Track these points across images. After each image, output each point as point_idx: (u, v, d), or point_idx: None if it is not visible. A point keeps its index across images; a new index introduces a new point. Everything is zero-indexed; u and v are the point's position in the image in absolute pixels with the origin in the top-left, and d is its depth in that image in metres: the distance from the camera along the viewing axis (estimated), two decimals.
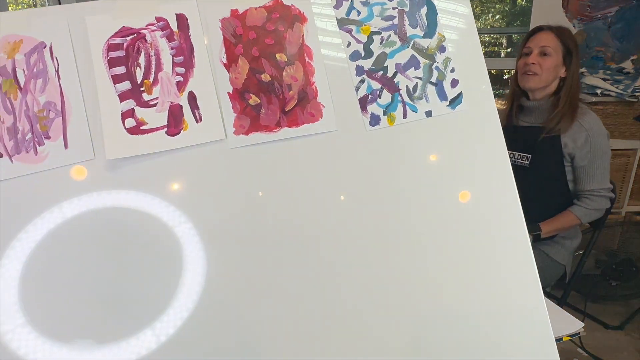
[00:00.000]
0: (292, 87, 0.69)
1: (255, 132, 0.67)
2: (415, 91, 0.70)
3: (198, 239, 0.63)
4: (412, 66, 0.70)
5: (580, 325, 0.77)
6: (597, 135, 1.40)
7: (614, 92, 2.13)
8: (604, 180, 1.42)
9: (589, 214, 1.42)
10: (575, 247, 1.56)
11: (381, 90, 0.70)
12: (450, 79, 0.71)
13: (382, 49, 0.70)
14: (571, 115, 1.42)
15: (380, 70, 0.70)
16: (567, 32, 1.46)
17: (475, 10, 5.86)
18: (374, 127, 0.69)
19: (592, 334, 2.00)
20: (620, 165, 2.21)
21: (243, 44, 0.68)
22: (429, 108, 0.70)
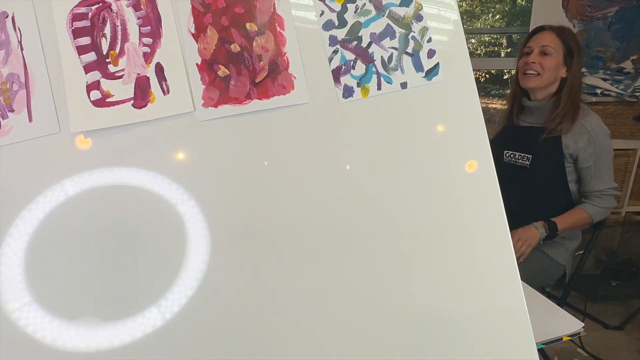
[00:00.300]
0: (262, 57, 0.66)
1: (224, 104, 0.65)
2: (390, 62, 0.67)
3: (181, 214, 0.62)
4: (388, 36, 0.67)
5: (580, 325, 0.77)
6: (599, 136, 1.40)
7: (614, 92, 2.13)
8: (610, 179, 1.43)
9: (600, 213, 1.43)
10: (575, 248, 1.55)
11: (355, 61, 0.67)
12: (427, 49, 0.68)
13: (356, 17, 0.67)
14: (572, 116, 1.41)
15: (354, 40, 0.67)
16: (569, 32, 1.45)
17: (475, 10, 5.86)
18: (347, 99, 0.67)
19: (592, 334, 2.00)
20: (620, 165, 2.21)
21: (212, 13, 0.65)
22: (404, 79, 0.67)
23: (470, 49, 6.14)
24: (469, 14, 5.85)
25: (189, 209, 0.61)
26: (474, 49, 6.16)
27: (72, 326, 0.56)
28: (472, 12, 5.71)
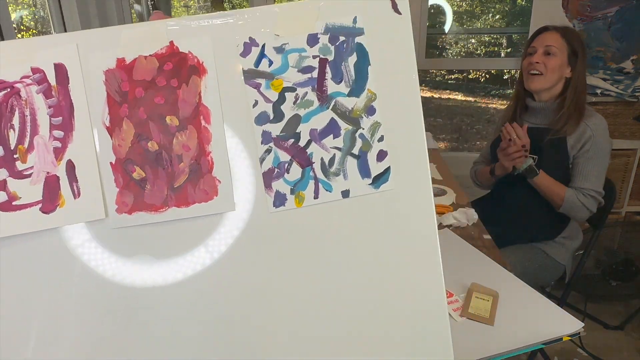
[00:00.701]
0: (182, 158, 0.57)
1: (139, 211, 0.57)
2: (331, 165, 0.57)
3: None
4: (331, 133, 0.57)
5: (580, 325, 0.77)
6: (600, 137, 1.39)
7: (614, 92, 2.13)
8: (598, 183, 1.40)
9: (574, 206, 1.39)
10: (575, 248, 1.55)
11: (290, 163, 0.57)
12: (377, 150, 0.57)
13: (295, 110, 0.56)
14: (577, 117, 1.41)
15: (290, 138, 0.56)
16: (574, 32, 1.45)
17: (475, 11, 5.86)
18: (279, 208, 0.57)
19: (592, 334, 2.00)
20: (620, 165, 2.21)
21: (129, 103, 0.56)
22: (346, 187, 0.57)
23: (470, 49, 6.14)
24: (469, 14, 5.85)
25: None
26: (474, 49, 6.16)
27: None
28: (472, 12, 5.71)
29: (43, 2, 2.44)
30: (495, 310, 0.80)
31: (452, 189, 1.36)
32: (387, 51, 0.56)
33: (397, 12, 0.56)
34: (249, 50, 0.56)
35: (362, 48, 0.56)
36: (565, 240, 1.51)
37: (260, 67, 0.56)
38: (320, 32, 0.56)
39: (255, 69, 0.56)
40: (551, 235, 1.50)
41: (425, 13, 2.63)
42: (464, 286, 0.87)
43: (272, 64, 0.56)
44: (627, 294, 2.23)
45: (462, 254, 1.01)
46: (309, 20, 0.56)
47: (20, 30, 2.47)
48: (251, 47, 0.56)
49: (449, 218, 1.18)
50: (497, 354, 0.71)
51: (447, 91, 7.56)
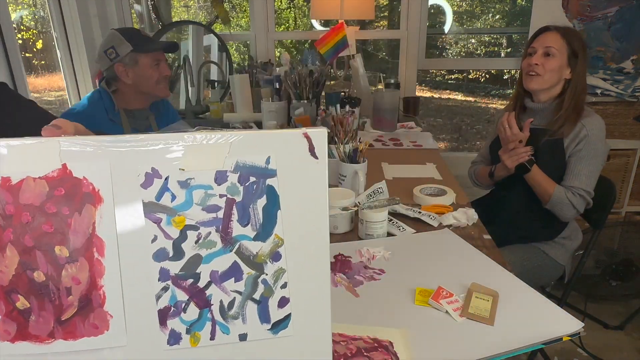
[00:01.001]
0: (72, 291, 0.53)
1: (22, 340, 0.53)
2: (230, 308, 0.55)
3: None
4: (233, 277, 0.54)
5: (580, 325, 0.77)
6: (594, 138, 1.39)
7: (613, 92, 2.13)
8: (588, 183, 1.39)
9: (561, 202, 1.39)
10: (575, 248, 1.55)
11: (188, 302, 0.54)
12: (279, 297, 0.55)
13: (196, 250, 0.53)
14: (575, 119, 1.40)
15: (190, 278, 0.54)
16: (574, 33, 1.44)
17: (475, 11, 5.86)
18: (173, 346, 0.54)
19: (592, 334, 2.00)
20: (620, 165, 2.21)
21: (13, 228, 0.51)
22: (244, 330, 0.55)
23: (470, 49, 6.14)
24: (469, 14, 5.85)
25: None
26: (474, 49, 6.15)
27: None
28: (472, 12, 5.71)
29: (43, 2, 2.44)
30: (495, 310, 0.80)
31: (452, 189, 1.36)
32: (300, 196, 0.53)
33: (314, 156, 0.52)
34: (151, 181, 0.52)
35: (273, 191, 0.53)
36: (565, 241, 1.51)
37: (162, 201, 0.52)
38: (229, 170, 0.52)
39: (156, 202, 0.52)
40: (551, 236, 1.50)
41: (425, 13, 2.63)
42: (464, 286, 0.87)
43: (175, 198, 0.52)
44: (627, 294, 2.23)
45: (462, 254, 1.01)
46: (218, 156, 0.52)
47: (20, 30, 2.47)
48: (153, 179, 0.52)
49: (449, 218, 1.18)
50: (497, 354, 0.71)
51: (447, 91, 7.56)
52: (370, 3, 2.50)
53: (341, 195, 1.16)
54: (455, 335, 0.76)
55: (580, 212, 1.41)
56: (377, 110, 2.22)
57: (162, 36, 2.80)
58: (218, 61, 2.86)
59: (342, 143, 1.45)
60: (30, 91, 2.17)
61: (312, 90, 2.22)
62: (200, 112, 2.71)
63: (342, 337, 0.74)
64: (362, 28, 2.93)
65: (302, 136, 0.51)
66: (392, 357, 0.70)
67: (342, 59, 2.63)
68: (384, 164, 1.71)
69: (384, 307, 0.83)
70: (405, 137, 2.13)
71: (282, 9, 6.67)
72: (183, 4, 5.28)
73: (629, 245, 2.24)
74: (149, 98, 1.49)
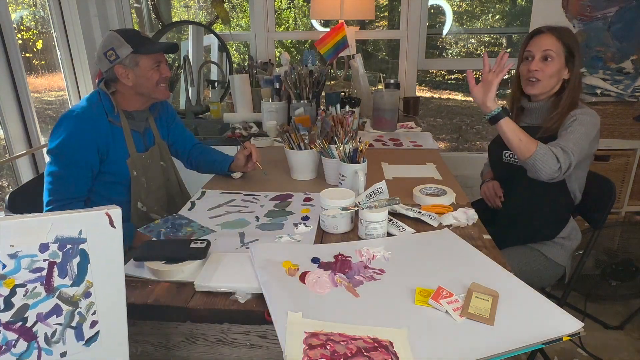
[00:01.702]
0: None
1: None
2: (53, 336, 0.70)
3: None
4: (55, 314, 0.70)
5: (580, 325, 0.77)
6: (584, 119, 1.35)
7: (613, 92, 2.13)
8: (574, 148, 1.31)
9: (547, 155, 1.28)
10: (574, 248, 1.55)
11: (17, 340, 0.68)
12: (91, 321, 0.73)
13: (24, 300, 0.67)
14: (567, 113, 1.40)
15: (19, 322, 0.67)
16: (568, 32, 1.42)
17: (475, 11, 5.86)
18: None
19: (592, 333, 2.01)
20: (620, 165, 2.21)
21: None
22: (64, 349, 0.71)
23: (470, 49, 6.14)
24: (469, 14, 5.85)
25: None
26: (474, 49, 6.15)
27: None
28: (472, 12, 5.71)
29: (43, 2, 2.44)
30: (495, 310, 0.80)
31: (452, 189, 1.36)
32: (103, 253, 0.72)
33: (112, 226, 0.72)
34: None
35: (85, 252, 0.70)
36: (564, 241, 1.51)
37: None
38: (50, 242, 0.68)
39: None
40: (549, 236, 1.50)
41: (425, 13, 2.63)
42: (464, 286, 0.87)
43: (4, 267, 0.65)
44: (627, 294, 2.23)
45: (462, 254, 1.01)
46: (41, 234, 0.67)
47: (20, 30, 2.47)
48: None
49: (448, 218, 1.18)
50: (497, 354, 0.72)
51: (447, 91, 7.56)
52: (370, 3, 2.51)
53: (341, 195, 1.16)
54: (455, 335, 0.76)
55: (563, 169, 1.30)
56: (377, 110, 2.22)
57: (162, 36, 2.80)
58: (218, 61, 2.86)
59: (342, 143, 1.45)
60: (31, 91, 2.17)
61: (312, 90, 2.22)
62: (200, 112, 2.71)
63: (342, 337, 0.74)
64: (362, 28, 2.93)
65: (104, 215, 0.71)
66: (392, 357, 0.70)
67: (342, 59, 2.63)
68: (384, 164, 1.71)
69: (384, 307, 0.83)
70: (405, 137, 2.13)
71: (282, 9, 6.66)
72: (183, 4, 5.28)
73: (628, 245, 2.24)
74: (148, 99, 1.49)
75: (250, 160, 1.56)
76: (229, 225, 1.21)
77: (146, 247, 1.01)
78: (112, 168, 1.43)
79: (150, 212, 1.54)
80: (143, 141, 1.53)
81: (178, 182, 1.69)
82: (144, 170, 1.50)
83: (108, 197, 1.46)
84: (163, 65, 1.44)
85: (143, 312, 0.87)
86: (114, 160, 1.42)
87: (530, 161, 1.30)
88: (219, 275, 0.92)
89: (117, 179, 1.45)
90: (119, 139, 1.43)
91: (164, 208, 1.61)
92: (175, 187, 1.67)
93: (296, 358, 0.70)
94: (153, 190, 1.55)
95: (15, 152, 2.10)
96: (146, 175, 1.52)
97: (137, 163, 1.48)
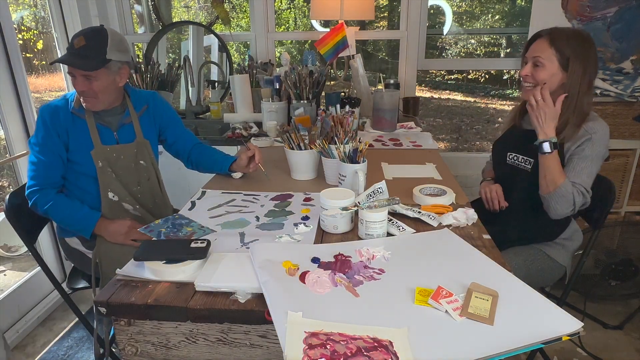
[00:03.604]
0: None
1: None
2: None
3: None
4: None
5: (580, 324, 0.77)
6: (598, 140, 1.36)
7: (613, 92, 2.13)
8: (588, 182, 1.36)
9: (565, 195, 1.33)
10: (575, 249, 1.55)
11: None
12: None
13: None
14: (577, 123, 1.37)
15: None
16: (565, 36, 1.38)
17: (475, 11, 5.86)
18: None
19: (591, 333, 2.01)
20: (620, 165, 2.21)
21: None
22: None
23: (470, 49, 6.14)
24: (469, 14, 5.85)
25: None
26: (474, 49, 6.15)
27: None
28: (471, 12, 5.71)
29: (44, 3, 2.44)
30: (494, 310, 0.80)
31: (451, 188, 1.36)
32: None
33: None
34: None
35: None
36: (566, 242, 1.51)
37: None
38: None
39: None
40: (551, 237, 1.50)
41: (425, 13, 2.63)
42: (463, 286, 0.87)
43: None
44: (627, 294, 2.23)
45: (462, 254, 1.02)
46: None
47: (21, 30, 2.47)
48: None
49: (448, 218, 1.18)
50: (496, 354, 0.72)
51: (446, 91, 7.56)
52: (370, 3, 2.51)
53: (341, 195, 1.16)
54: (455, 334, 0.76)
55: (576, 209, 1.37)
56: (377, 110, 2.22)
57: (162, 36, 2.80)
58: (218, 61, 2.87)
59: (342, 143, 1.45)
60: (31, 91, 2.18)
61: (312, 90, 2.22)
62: (200, 112, 2.71)
63: (342, 336, 0.75)
64: (362, 28, 2.93)
65: None
66: (392, 357, 0.70)
67: (342, 59, 2.63)
68: (384, 164, 1.71)
69: (384, 307, 0.83)
70: (405, 137, 2.14)
71: (282, 10, 6.66)
72: (183, 5, 5.28)
73: (628, 245, 2.25)
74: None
75: (252, 161, 1.56)
76: (229, 225, 1.21)
77: (146, 247, 1.01)
78: (77, 157, 1.49)
79: (122, 202, 1.56)
80: (114, 136, 1.56)
81: (159, 185, 1.69)
82: (109, 162, 1.53)
83: (80, 187, 1.54)
84: (75, 80, 1.43)
85: (143, 312, 0.87)
86: (78, 149, 1.49)
87: (547, 197, 1.37)
88: (219, 275, 0.92)
89: (83, 170, 1.51)
90: (81, 130, 1.49)
91: (137, 200, 1.61)
92: (156, 188, 1.67)
93: (296, 358, 0.70)
94: (126, 183, 1.57)
95: (15, 152, 2.10)
96: (113, 168, 1.54)
97: (102, 155, 1.51)
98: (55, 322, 2.21)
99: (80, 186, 1.53)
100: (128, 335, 0.91)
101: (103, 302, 0.87)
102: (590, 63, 1.37)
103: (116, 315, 0.89)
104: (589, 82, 1.39)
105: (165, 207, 1.70)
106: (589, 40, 1.38)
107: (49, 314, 2.26)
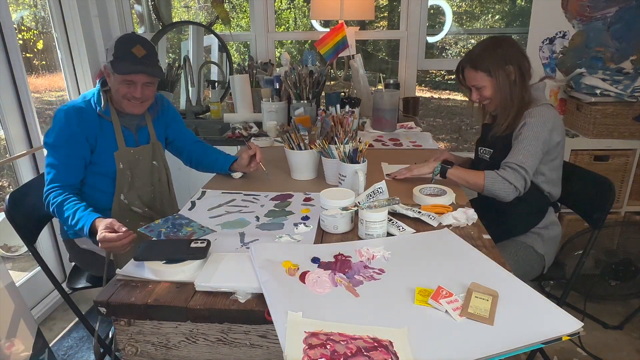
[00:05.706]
0: None
1: None
2: None
3: None
4: None
5: (580, 324, 0.77)
6: (534, 123, 1.40)
7: (613, 93, 2.13)
8: (525, 160, 1.39)
9: (496, 182, 1.39)
10: (554, 237, 1.56)
11: None
12: None
13: None
14: (519, 112, 1.46)
15: None
16: (478, 55, 1.47)
17: (475, 11, 5.86)
18: None
19: (591, 333, 2.01)
20: (620, 165, 2.21)
21: None
22: None
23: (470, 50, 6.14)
24: (469, 14, 5.85)
25: None
26: None
27: None
28: (471, 12, 5.71)
29: (44, 3, 2.44)
30: (494, 310, 0.80)
31: (451, 189, 1.36)
32: None
33: None
34: None
35: None
36: (542, 230, 1.55)
37: None
38: None
39: None
40: (526, 229, 1.55)
41: (425, 13, 2.63)
42: (463, 286, 0.87)
43: None
44: (627, 294, 2.23)
45: (462, 253, 1.02)
46: None
47: (21, 30, 2.47)
48: None
49: (448, 218, 1.18)
50: (496, 354, 0.72)
51: (446, 91, 7.56)
52: (370, 3, 2.51)
53: (341, 195, 1.16)
54: (455, 334, 0.76)
55: (518, 187, 1.39)
56: (377, 110, 2.22)
57: (162, 36, 2.80)
58: (218, 61, 2.87)
59: (342, 143, 1.45)
60: (31, 91, 2.17)
61: (312, 90, 2.22)
62: (200, 112, 2.71)
63: (342, 336, 0.75)
64: (362, 28, 2.93)
65: None
66: (392, 357, 0.70)
67: (342, 59, 2.64)
68: (384, 164, 1.71)
69: (384, 307, 0.83)
70: (405, 137, 2.14)
71: (282, 10, 6.66)
72: (183, 5, 5.28)
73: (628, 245, 2.24)
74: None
75: (253, 161, 1.56)
76: (229, 225, 1.21)
77: (146, 247, 1.01)
78: (100, 159, 1.49)
79: (131, 206, 1.58)
80: (135, 138, 1.58)
81: (168, 184, 1.72)
82: (130, 165, 1.55)
83: (96, 187, 1.53)
84: (134, 88, 1.44)
85: (143, 312, 0.87)
86: (102, 150, 1.49)
87: (485, 193, 1.43)
88: (219, 275, 0.92)
89: (103, 170, 1.51)
90: (108, 132, 1.50)
91: (146, 204, 1.63)
92: (165, 187, 1.70)
93: (296, 357, 0.70)
94: (137, 187, 1.59)
95: (16, 152, 2.10)
96: (132, 170, 1.56)
97: (125, 157, 1.53)
98: (55, 322, 2.21)
99: (96, 186, 1.53)
100: (128, 335, 0.91)
101: (103, 302, 0.87)
102: (511, 59, 1.45)
103: (116, 315, 0.89)
104: (520, 73, 1.46)
105: (172, 209, 1.72)
106: (497, 41, 1.48)
107: (49, 314, 2.26)
